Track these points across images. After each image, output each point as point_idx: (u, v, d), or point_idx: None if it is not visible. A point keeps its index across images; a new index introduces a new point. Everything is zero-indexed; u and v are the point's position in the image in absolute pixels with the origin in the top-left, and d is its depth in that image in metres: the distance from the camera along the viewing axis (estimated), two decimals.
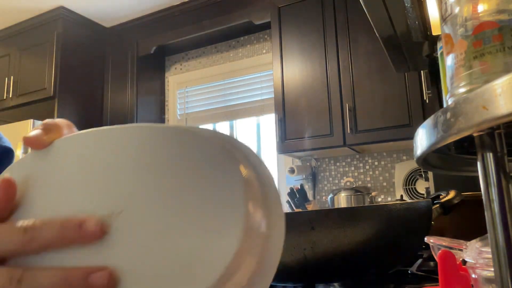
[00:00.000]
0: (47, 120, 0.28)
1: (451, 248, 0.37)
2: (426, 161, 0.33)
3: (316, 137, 2.30)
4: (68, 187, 0.26)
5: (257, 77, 2.88)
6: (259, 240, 0.23)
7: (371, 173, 2.54)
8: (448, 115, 0.23)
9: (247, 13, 2.69)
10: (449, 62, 0.32)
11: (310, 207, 2.32)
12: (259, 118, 2.92)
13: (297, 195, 2.35)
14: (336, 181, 2.61)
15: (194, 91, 3.12)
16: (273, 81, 2.47)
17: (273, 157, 2.76)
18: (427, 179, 2.16)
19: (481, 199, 0.25)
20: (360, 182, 2.55)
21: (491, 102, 0.20)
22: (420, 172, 2.26)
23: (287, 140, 2.38)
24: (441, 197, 0.74)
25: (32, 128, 1.60)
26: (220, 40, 3.01)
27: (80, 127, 0.27)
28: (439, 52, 0.62)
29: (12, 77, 3.02)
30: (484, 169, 0.25)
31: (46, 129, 0.27)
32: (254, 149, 0.26)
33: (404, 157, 2.46)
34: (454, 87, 0.31)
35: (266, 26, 2.68)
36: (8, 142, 0.53)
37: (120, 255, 0.24)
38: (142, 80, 3.06)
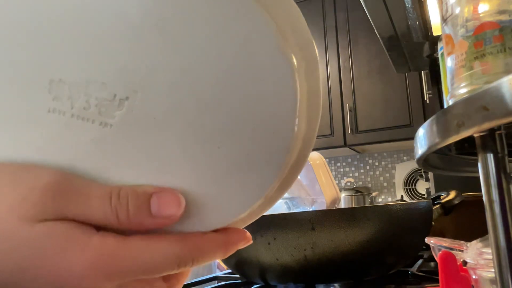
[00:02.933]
0: None
1: (451, 249, 0.37)
2: (426, 161, 0.33)
3: (316, 137, 2.30)
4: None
5: None
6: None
7: (371, 173, 2.54)
8: (449, 115, 0.23)
9: None
10: (449, 62, 0.32)
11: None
12: None
13: None
14: (337, 181, 2.61)
15: None
16: None
17: None
18: (427, 180, 2.16)
19: (482, 200, 0.25)
20: (360, 183, 2.55)
21: (492, 103, 0.20)
22: (421, 172, 2.26)
23: None
24: (441, 197, 0.74)
25: None
26: None
27: None
28: (439, 53, 0.62)
29: None
30: (485, 170, 0.25)
31: None
32: None
33: (405, 158, 2.46)
34: (455, 88, 0.31)
35: None
36: None
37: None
38: None
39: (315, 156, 0.94)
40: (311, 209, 0.90)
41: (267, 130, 0.20)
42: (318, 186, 0.89)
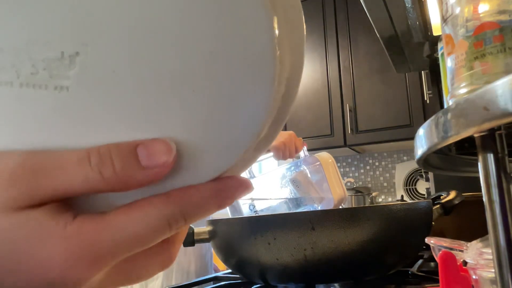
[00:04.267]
0: None
1: (451, 249, 0.37)
2: (426, 161, 0.33)
3: (316, 137, 2.30)
4: None
5: None
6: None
7: (371, 173, 2.53)
8: (449, 115, 0.23)
9: None
10: (449, 62, 0.32)
11: None
12: None
13: None
14: None
15: None
16: None
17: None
18: (427, 180, 2.16)
19: (482, 200, 0.25)
20: (360, 183, 2.55)
21: (492, 103, 0.20)
22: (421, 172, 2.26)
23: None
24: (441, 197, 0.74)
25: None
26: None
27: None
28: (439, 53, 0.62)
29: None
30: (485, 170, 0.25)
31: None
32: None
33: (405, 158, 2.46)
34: (455, 88, 0.31)
35: None
36: None
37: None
38: None
39: (325, 155, 0.94)
40: (317, 208, 0.90)
41: (245, 63, 0.17)
42: (327, 184, 0.90)
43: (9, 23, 0.16)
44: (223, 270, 0.94)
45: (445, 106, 0.33)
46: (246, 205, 0.98)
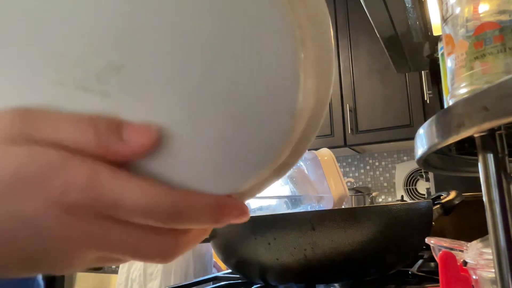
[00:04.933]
0: None
1: (451, 249, 0.37)
2: (426, 161, 0.33)
3: (316, 137, 2.30)
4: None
5: None
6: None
7: (371, 173, 2.53)
8: (449, 115, 0.23)
9: None
10: (449, 62, 0.32)
11: None
12: None
13: None
14: None
15: None
16: None
17: None
18: (427, 180, 2.16)
19: (482, 200, 0.25)
20: (360, 183, 2.55)
21: (492, 103, 0.20)
22: (421, 172, 2.26)
23: None
24: (442, 197, 0.74)
25: None
26: None
27: None
28: (440, 53, 0.62)
29: None
30: (485, 170, 0.25)
31: None
32: None
33: (405, 158, 2.46)
34: (455, 88, 0.31)
35: None
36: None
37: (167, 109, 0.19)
38: None
39: (324, 152, 0.93)
40: (315, 208, 0.89)
41: (268, 96, 0.19)
42: (326, 182, 0.88)
43: (73, 34, 0.19)
44: (225, 269, 0.94)
45: (445, 106, 0.33)
46: None
